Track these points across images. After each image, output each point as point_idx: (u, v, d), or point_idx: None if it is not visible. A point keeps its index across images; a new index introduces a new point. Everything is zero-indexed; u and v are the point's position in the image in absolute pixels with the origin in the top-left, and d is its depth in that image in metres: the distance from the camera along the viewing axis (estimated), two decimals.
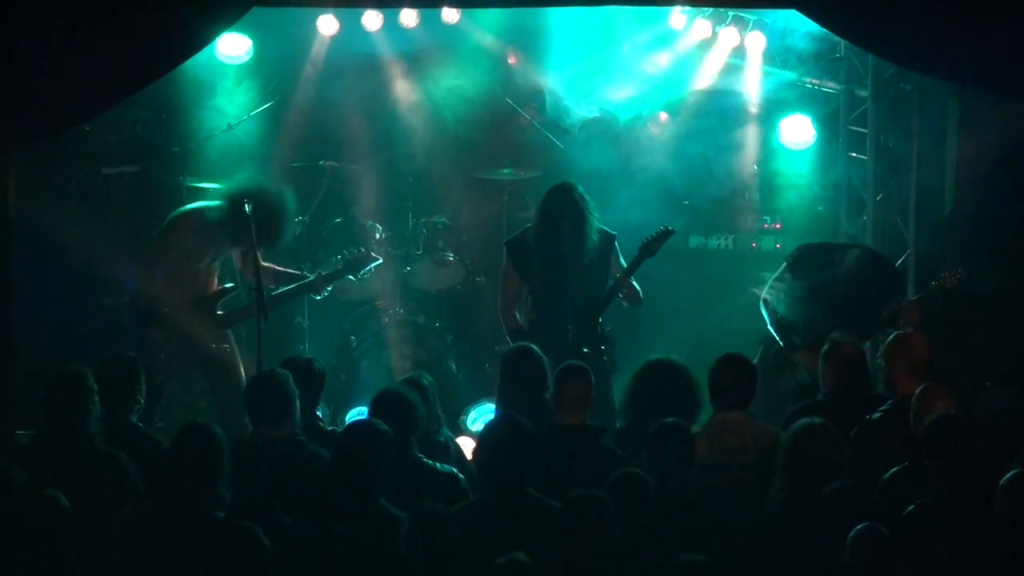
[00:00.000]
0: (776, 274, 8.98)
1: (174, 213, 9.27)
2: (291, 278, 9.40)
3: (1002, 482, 5.83)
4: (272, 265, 9.24)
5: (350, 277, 9.77)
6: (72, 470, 6.58)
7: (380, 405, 6.79)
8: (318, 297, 9.76)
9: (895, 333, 7.52)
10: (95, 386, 6.93)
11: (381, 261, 10.02)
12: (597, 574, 5.78)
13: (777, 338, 8.86)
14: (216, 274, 9.20)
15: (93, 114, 9.22)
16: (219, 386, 9.18)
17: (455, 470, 6.77)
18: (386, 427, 6.26)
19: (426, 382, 7.30)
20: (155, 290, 8.92)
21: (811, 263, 8.86)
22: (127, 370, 7.34)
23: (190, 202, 9.48)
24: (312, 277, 9.46)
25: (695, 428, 6.86)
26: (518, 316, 8.95)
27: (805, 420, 6.32)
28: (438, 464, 6.77)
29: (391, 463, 6.16)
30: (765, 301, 8.93)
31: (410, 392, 6.93)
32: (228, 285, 9.25)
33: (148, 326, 8.97)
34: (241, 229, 8.79)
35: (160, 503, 6.19)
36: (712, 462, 6.75)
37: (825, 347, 7.57)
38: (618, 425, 7.78)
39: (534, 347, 7.60)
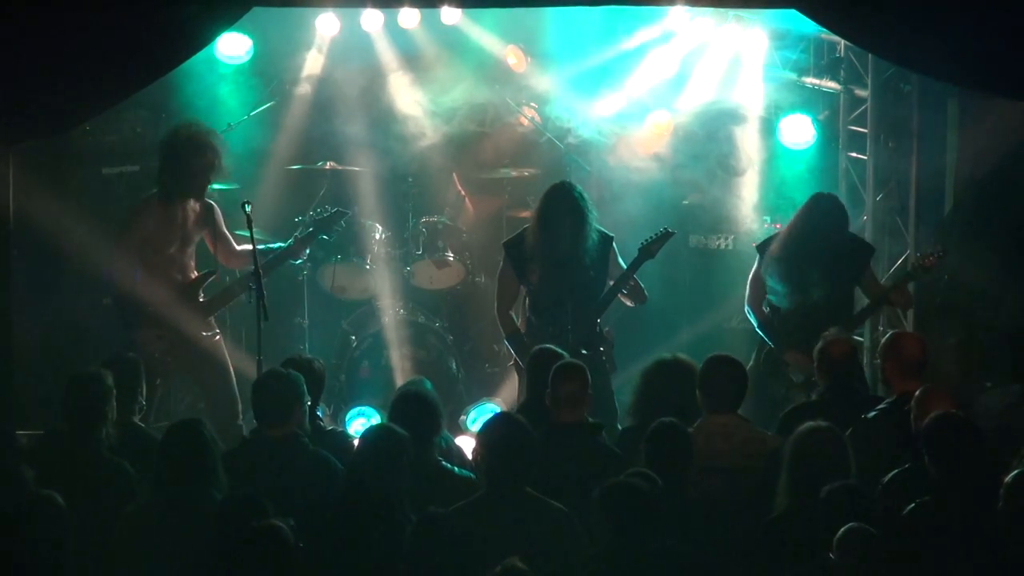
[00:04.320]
0: (752, 271, 9.00)
1: (129, 206, 9.27)
2: (266, 252, 9.34)
3: (1007, 481, 5.83)
4: (246, 247, 9.18)
5: (323, 236, 9.76)
6: (75, 472, 6.58)
7: (403, 407, 6.78)
8: (297, 262, 9.80)
9: (890, 333, 7.53)
10: (114, 388, 6.93)
11: (350, 213, 10.04)
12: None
13: (766, 339, 8.86)
14: (192, 261, 9.16)
15: (93, 114, 9.22)
16: (210, 383, 9.15)
17: (472, 475, 6.73)
18: (403, 432, 6.25)
19: (428, 387, 7.30)
20: (137, 291, 8.90)
21: (773, 240, 8.91)
22: (127, 371, 7.34)
23: None
24: (288, 243, 9.44)
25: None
26: (515, 317, 8.94)
27: (811, 424, 6.28)
28: (456, 468, 6.76)
29: (410, 468, 6.16)
30: (748, 303, 8.94)
31: (431, 393, 6.92)
32: (205, 271, 9.23)
33: (137, 327, 8.94)
34: (165, 180, 8.83)
35: (157, 502, 6.20)
36: (699, 466, 6.71)
37: (818, 346, 7.58)
38: (620, 426, 7.78)
39: (557, 348, 7.61)
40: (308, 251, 9.67)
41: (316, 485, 6.48)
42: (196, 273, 9.15)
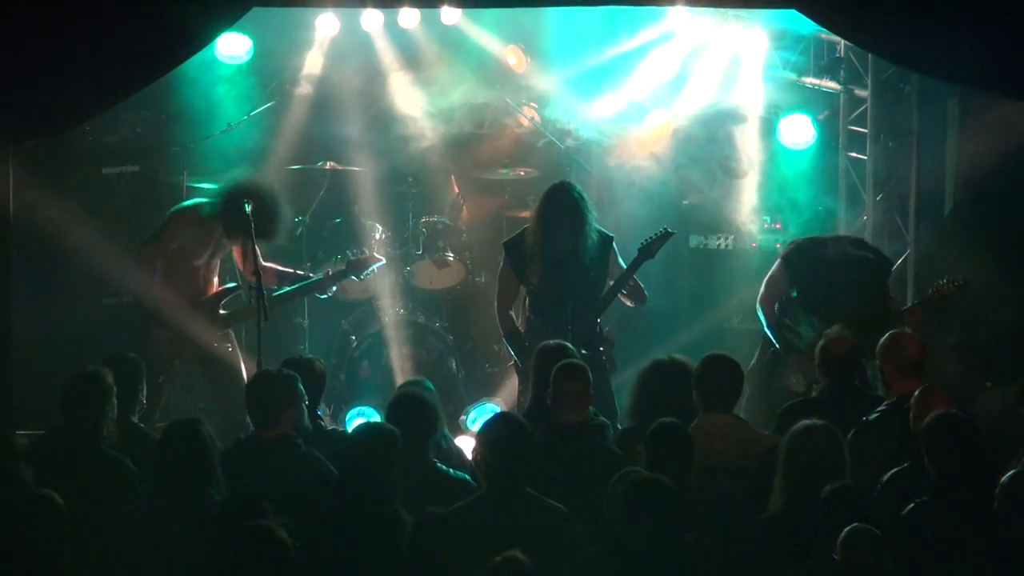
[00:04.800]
0: (770, 272, 8.99)
1: (171, 210, 9.29)
2: (294, 278, 9.40)
3: (1003, 481, 5.83)
4: (274, 265, 9.24)
5: (353, 277, 9.78)
6: (78, 470, 6.58)
7: (399, 407, 6.77)
8: (323, 296, 9.80)
9: (889, 333, 7.53)
10: (114, 387, 6.93)
11: (384, 262, 10.02)
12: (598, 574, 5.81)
13: (773, 340, 8.85)
14: (216, 273, 9.20)
15: (93, 114, 9.21)
16: (220, 386, 9.17)
17: (468, 477, 6.73)
18: (394, 428, 6.26)
19: (429, 387, 7.30)
20: (156, 290, 8.92)
21: (804, 259, 8.87)
22: (128, 371, 7.33)
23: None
24: (318, 277, 9.46)
25: None
26: (514, 317, 8.94)
27: (806, 422, 6.27)
28: (451, 470, 6.76)
29: (403, 465, 6.16)
30: (761, 303, 8.93)
31: (427, 394, 6.92)
32: (230, 285, 9.25)
33: (151, 326, 8.97)
34: (236, 223, 8.78)
35: (155, 501, 6.20)
36: (695, 465, 6.69)
37: (819, 343, 7.58)
38: (620, 427, 7.78)
39: (567, 344, 7.62)
40: (335, 288, 9.66)
41: (308, 486, 6.46)
42: (218, 283, 9.16)
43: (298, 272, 9.49)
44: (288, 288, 9.30)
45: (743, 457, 6.82)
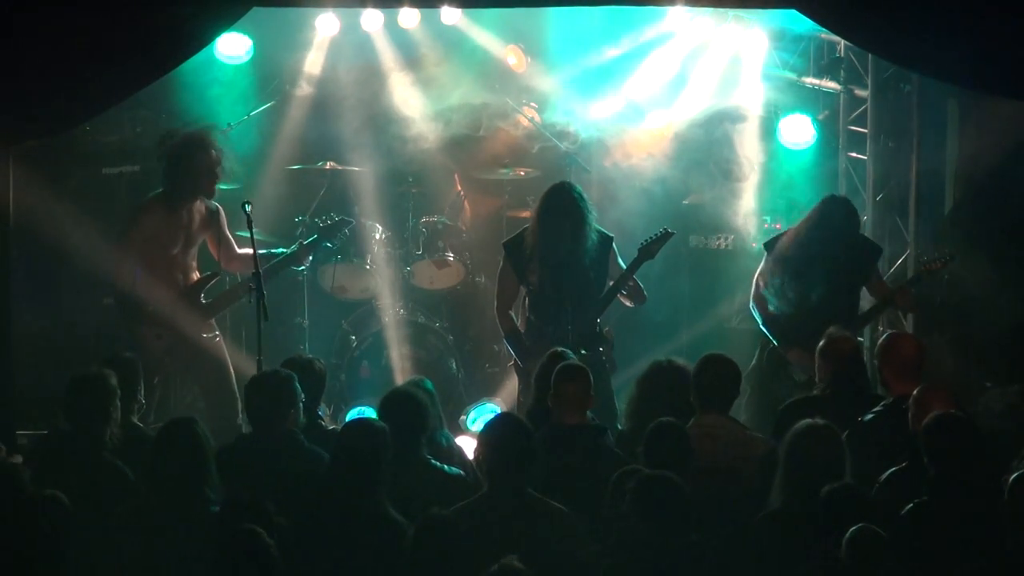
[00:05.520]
0: (759, 268, 9.01)
1: (134, 204, 9.27)
2: (269, 257, 9.36)
3: (1010, 480, 5.83)
4: (247, 251, 9.14)
5: (327, 244, 9.76)
6: (78, 472, 6.57)
7: (389, 405, 6.78)
8: (300, 268, 9.85)
9: (887, 334, 7.54)
10: (117, 389, 6.92)
11: (354, 222, 10.04)
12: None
13: (770, 337, 8.86)
14: (194, 263, 9.17)
15: (94, 113, 9.22)
16: (210, 383, 9.15)
17: (463, 473, 6.74)
18: (383, 424, 6.27)
19: (429, 386, 7.30)
20: (137, 289, 8.90)
21: (781, 239, 8.90)
22: (126, 371, 7.33)
23: None
24: (293, 248, 9.43)
25: None
26: (514, 317, 8.95)
27: (807, 421, 6.28)
28: (445, 466, 6.76)
29: (391, 460, 6.16)
30: (754, 301, 8.95)
31: (419, 392, 6.93)
32: (208, 273, 9.23)
33: (138, 325, 8.96)
34: (179, 179, 8.84)
35: (151, 500, 6.20)
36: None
37: (821, 343, 7.59)
38: (620, 427, 7.79)
39: (568, 351, 7.61)
40: (311, 258, 9.66)
41: (312, 482, 6.47)
42: (198, 275, 9.16)
43: (272, 252, 9.46)
44: (266, 266, 9.22)
45: (732, 459, 6.82)
